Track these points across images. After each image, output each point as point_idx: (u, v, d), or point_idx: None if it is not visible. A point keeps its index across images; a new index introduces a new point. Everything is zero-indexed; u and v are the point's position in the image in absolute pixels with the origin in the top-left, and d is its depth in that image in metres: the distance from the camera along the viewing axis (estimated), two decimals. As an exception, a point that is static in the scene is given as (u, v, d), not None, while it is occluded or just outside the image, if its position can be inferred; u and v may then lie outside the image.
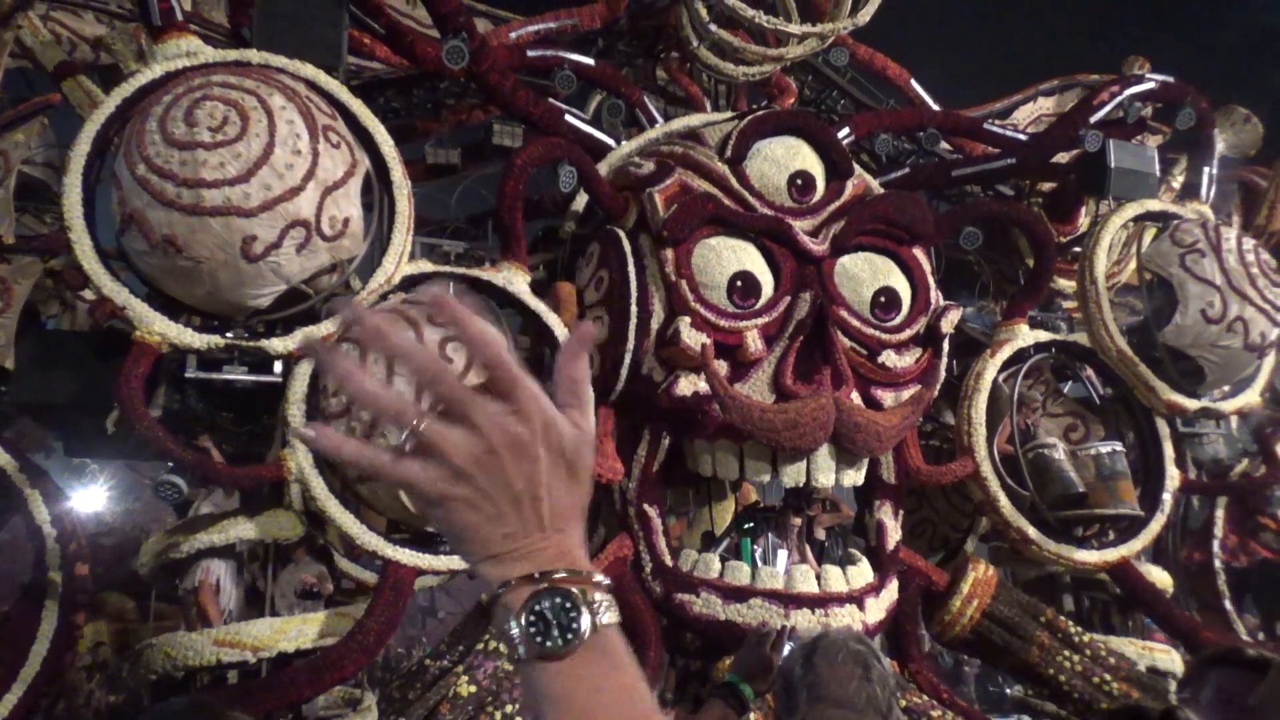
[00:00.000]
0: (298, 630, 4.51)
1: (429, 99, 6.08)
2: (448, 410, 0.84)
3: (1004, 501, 5.81)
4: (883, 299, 5.50)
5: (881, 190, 6.11)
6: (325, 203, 4.28)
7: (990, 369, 6.02)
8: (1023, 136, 7.06)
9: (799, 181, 5.58)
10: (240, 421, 5.01)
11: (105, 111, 4.48)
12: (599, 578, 0.85)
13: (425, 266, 5.01)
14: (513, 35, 6.35)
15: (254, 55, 4.69)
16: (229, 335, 4.44)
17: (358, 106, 4.84)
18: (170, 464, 4.59)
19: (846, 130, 6.44)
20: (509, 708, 4.46)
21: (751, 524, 5.41)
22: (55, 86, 5.35)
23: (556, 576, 0.84)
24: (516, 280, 5.18)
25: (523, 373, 0.86)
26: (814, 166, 5.68)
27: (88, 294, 5.79)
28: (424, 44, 5.40)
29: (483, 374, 0.86)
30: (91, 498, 6.92)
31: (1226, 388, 6.43)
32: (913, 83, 7.51)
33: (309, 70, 4.77)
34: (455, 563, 4.69)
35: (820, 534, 5.53)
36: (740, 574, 5.06)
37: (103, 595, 5.54)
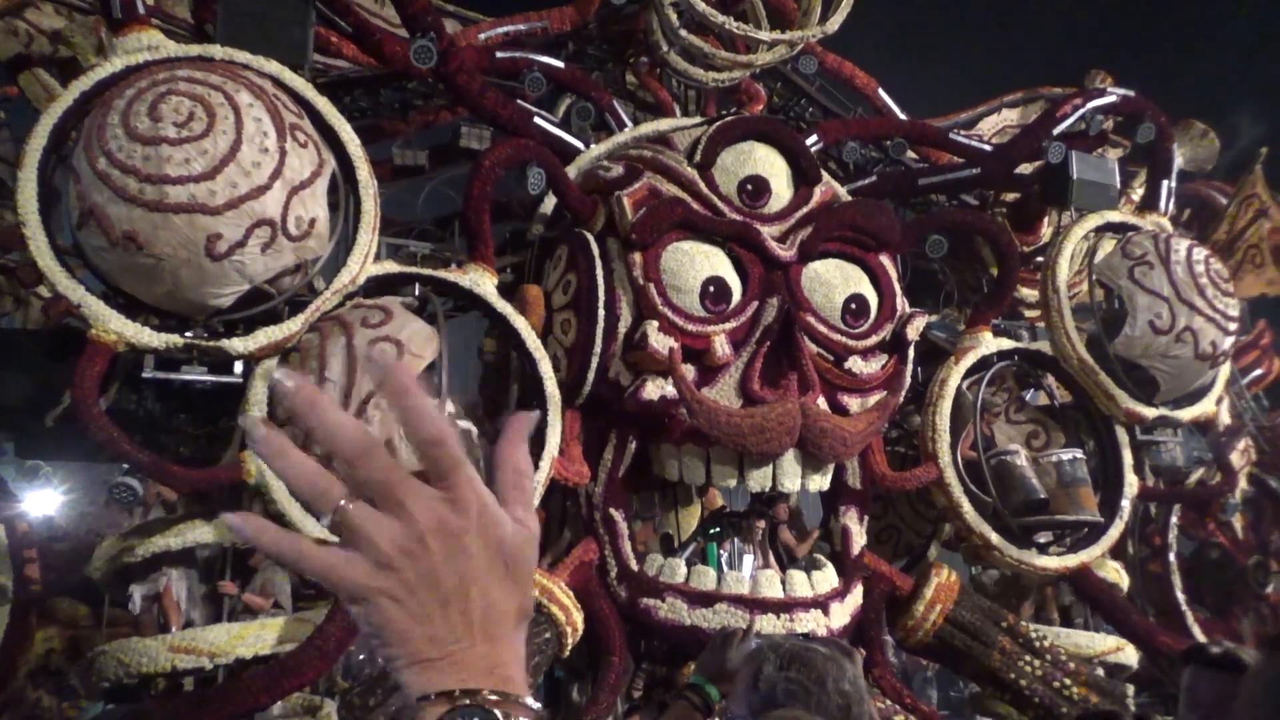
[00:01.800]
0: (256, 636, 4.43)
1: (396, 99, 6.03)
2: (376, 492, 0.76)
3: (967, 507, 5.87)
4: (853, 305, 5.53)
5: (849, 197, 6.15)
6: (292, 202, 4.22)
7: (954, 376, 6.08)
8: (987, 147, 7.15)
9: (749, 187, 5.59)
10: (199, 423, 4.91)
11: (63, 105, 4.38)
12: (529, 701, 0.76)
13: (391, 267, 4.96)
14: (481, 36, 6.31)
15: (218, 51, 4.61)
16: (188, 335, 4.35)
17: (323, 105, 4.78)
18: (126, 466, 4.49)
19: (815, 137, 6.48)
20: (472, 714, 4.40)
21: (717, 529, 5.41)
22: (11, 80, 5.23)
23: (481, 695, 0.74)
24: (483, 282, 5.14)
25: (464, 458, 0.77)
26: (771, 171, 5.69)
27: (42, 291, 5.66)
28: (392, 43, 5.35)
29: (418, 453, 0.77)
30: (44, 500, 6.75)
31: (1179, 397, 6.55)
32: (880, 92, 7.58)
33: (274, 67, 4.70)
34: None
35: (793, 543, 5.54)
36: (706, 579, 5.06)
37: (54, 601, 5.40)
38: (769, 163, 5.72)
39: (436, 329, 4.66)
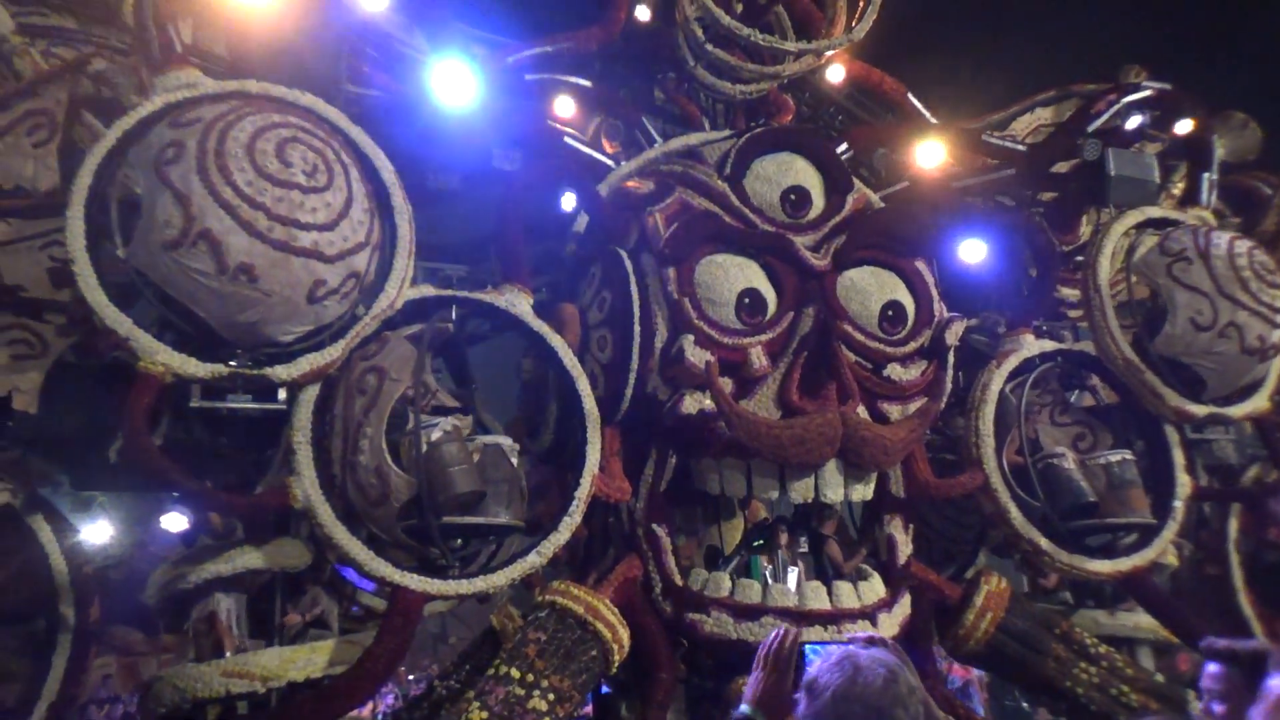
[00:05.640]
0: (306, 659, 4.49)
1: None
2: None
3: (1015, 513, 5.77)
4: (890, 312, 5.51)
5: (881, 204, 6.12)
6: (372, 259, 4.63)
7: (997, 380, 6.00)
8: (1021, 147, 7.07)
9: (792, 197, 5.60)
10: (245, 450, 4.99)
11: (106, 145, 4.48)
12: None
13: (428, 290, 5.01)
14: (510, 60, 6.38)
15: (253, 86, 4.71)
16: (232, 364, 4.43)
17: (357, 133, 4.86)
18: (176, 495, 4.57)
19: (845, 145, 6.46)
20: (521, 733, 4.41)
21: (761, 541, 5.37)
22: (56, 122, 5.36)
23: None
24: (519, 302, 5.18)
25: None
26: (810, 181, 5.70)
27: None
28: (424, 73, 5.43)
29: None
30: (99, 531, 6.90)
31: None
32: (909, 96, 7.53)
33: (308, 99, 4.79)
34: (464, 588, 4.66)
35: (839, 555, 5.48)
36: (751, 592, 5.03)
37: (110, 628, 5.53)
38: (808, 173, 5.73)
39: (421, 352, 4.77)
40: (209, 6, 5.08)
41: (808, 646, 2.46)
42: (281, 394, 4.53)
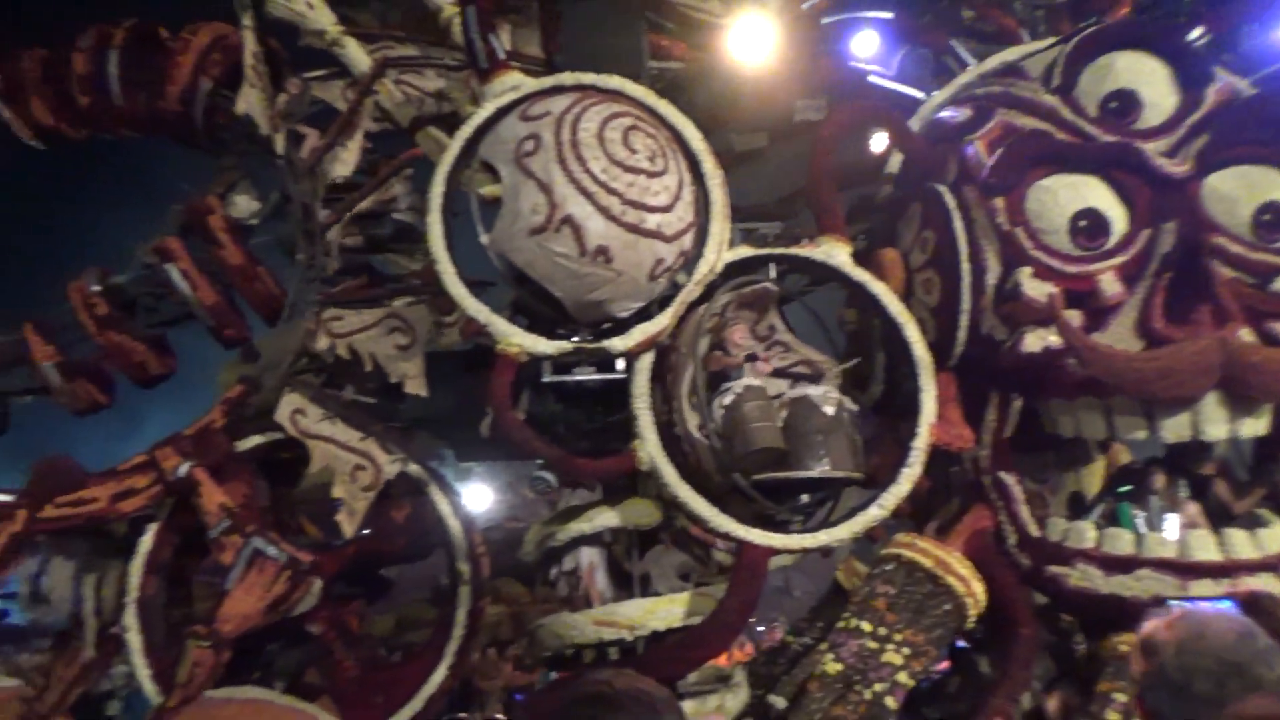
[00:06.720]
0: (665, 610, 4.79)
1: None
2: None
3: None
4: (1266, 217, 4.74)
5: (1253, 90, 5.25)
6: (693, 239, 4.85)
7: None
8: None
9: (1113, 105, 4.99)
10: (592, 419, 5.38)
11: (452, 154, 5.00)
12: None
13: (745, 251, 5.08)
14: (805, 5, 6.23)
15: (567, 78, 5.01)
16: (574, 339, 4.79)
17: (665, 107, 5.01)
18: (540, 462, 5.05)
19: (1200, 29, 5.59)
20: (877, 686, 4.39)
21: (1129, 487, 4.88)
22: (411, 140, 6.09)
23: None
24: (837, 253, 5.08)
25: None
26: (1158, 79, 5.03)
27: (449, 319, 6.46)
28: (721, 36, 5.49)
29: None
30: (478, 497, 7.90)
31: None
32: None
33: (616, 81, 5.01)
34: (806, 542, 4.72)
35: (1230, 498, 4.85)
36: (1121, 542, 4.59)
37: (498, 582, 6.29)
38: (1135, 71, 5.06)
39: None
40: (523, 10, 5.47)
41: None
42: (620, 364, 4.83)
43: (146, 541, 5.24)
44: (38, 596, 5.38)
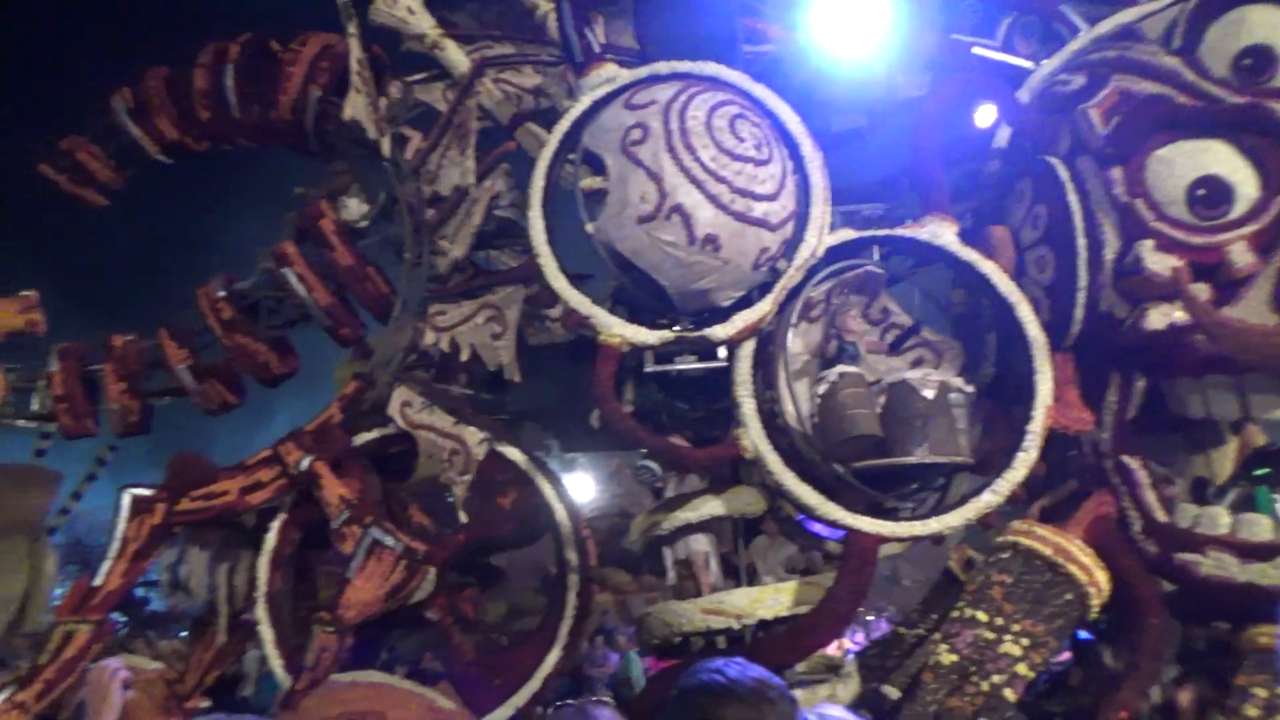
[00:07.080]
0: (773, 599, 4.76)
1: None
2: None
3: None
4: None
5: None
6: (794, 226, 4.80)
7: None
8: None
9: (1247, 61, 4.64)
10: (695, 407, 5.39)
11: (550, 149, 5.06)
12: None
13: (847, 234, 4.98)
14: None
15: (662, 67, 5.00)
16: (676, 329, 4.79)
17: (760, 91, 4.95)
18: (644, 451, 5.08)
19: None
20: (995, 678, 4.27)
21: (1267, 470, 4.60)
22: (510, 136, 6.20)
23: None
24: (943, 232, 4.94)
25: None
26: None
27: (552, 312, 6.56)
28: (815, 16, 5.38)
29: None
30: (583, 486, 8.01)
31: None
32: None
33: (711, 68, 4.98)
34: (917, 529, 4.61)
35: None
36: (1260, 528, 4.32)
37: (603, 570, 6.37)
38: (1272, 25, 4.72)
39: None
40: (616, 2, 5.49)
41: None
42: (721, 352, 4.81)
43: (271, 538, 5.53)
44: (176, 584, 5.73)
